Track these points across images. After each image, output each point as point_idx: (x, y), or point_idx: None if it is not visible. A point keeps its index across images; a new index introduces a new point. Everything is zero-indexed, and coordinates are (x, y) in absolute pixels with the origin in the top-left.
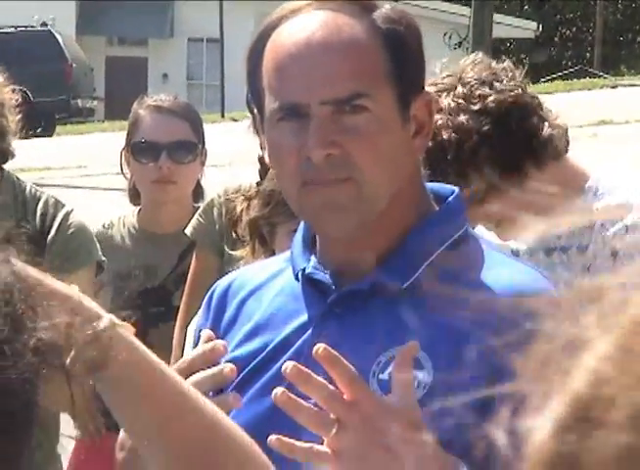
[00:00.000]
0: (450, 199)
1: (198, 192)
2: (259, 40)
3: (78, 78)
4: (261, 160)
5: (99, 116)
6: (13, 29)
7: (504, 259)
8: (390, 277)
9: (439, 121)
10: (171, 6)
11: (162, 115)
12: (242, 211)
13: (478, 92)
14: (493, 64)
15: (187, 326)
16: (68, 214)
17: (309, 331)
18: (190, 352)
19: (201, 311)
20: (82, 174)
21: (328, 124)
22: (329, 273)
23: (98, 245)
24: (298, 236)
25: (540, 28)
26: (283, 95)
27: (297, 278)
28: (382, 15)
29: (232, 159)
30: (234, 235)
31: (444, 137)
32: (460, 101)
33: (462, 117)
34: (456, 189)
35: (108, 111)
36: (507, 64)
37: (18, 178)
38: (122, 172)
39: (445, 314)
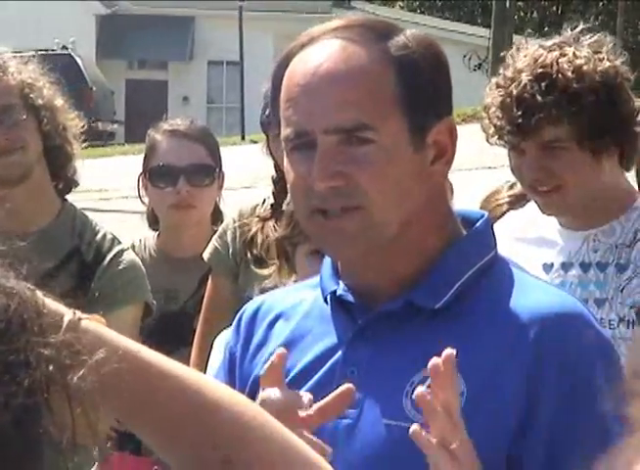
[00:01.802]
0: (479, 223)
1: (217, 215)
2: (279, 68)
3: (98, 102)
4: (275, 181)
5: (119, 139)
6: (33, 53)
7: (533, 282)
8: (423, 299)
9: (560, 59)
10: (191, 29)
11: (179, 139)
12: (256, 231)
13: (600, 56)
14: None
15: (204, 349)
16: (122, 251)
17: (339, 352)
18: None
19: (230, 334)
20: (103, 198)
21: (333, 155)
22: (357, 295)
23: (149, 286)
24: (327, 260)
25: None
26: (292, 124)
27: (326, 301)
28: (396, 42)
29: (252, 181)
30: (249, 256)
31: (559, 70)
32: (585, 53)
33: (582, 62)
34: (485, 213)
35: (128, 134)
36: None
37: (80, 211)
38: (140, 198)
39: (477, 336)
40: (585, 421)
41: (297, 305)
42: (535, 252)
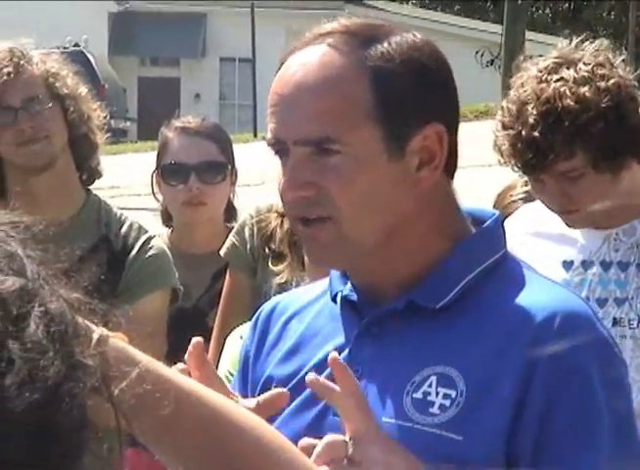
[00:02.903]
0: (488, 222)
1: (230, 212)
2: (277, 71)
3: (111, 99)
4: None
5: (132, 136)
6: (45, 50)
7: (539, 281)
8: (424, 298)
9: (561, 88)
10: (203, 26)
11: (190, 136)
12: (275, 227)
13: (601, 71)
14: (610, 55)
15: (222, 345)
16: (150, 239)
17: (346, 351)
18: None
19: (247, 332)
20: (115, 195)
21: (304, 165)
22: (363, 295)
23: (177, 272)
24: None
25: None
26: (271, 131)
27: (333, 300)
28: (375, 50)
29: (264, 178)
30: (267, 251)
31: (563, 103)
32: (584, 74)
33: (584, 89)
34: (496, 212)
35: (141, 131)
36: (622, 58)
37: (105, 202)
38: (154, 195)
39: (478, 336)
40: (578, 420)
41: (310, 303)
42: (555, 248)
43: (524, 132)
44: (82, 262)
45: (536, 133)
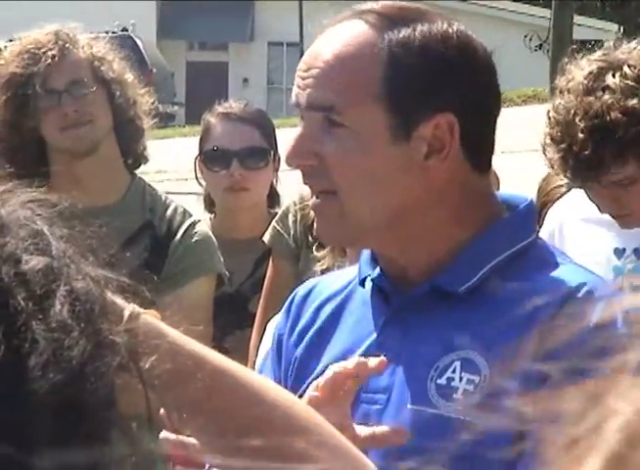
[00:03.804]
0: (520, 207)
1: (273, 198)
2: None
3: (159, 83)
4: None
5: (179, 120)
6: (93, 35)
7: (570, 268)
8: (448, 283)
9: (609, 101)
10: (251, 10)
11: (232, 122)
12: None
13: None
14: None
15: (264, 332)
16: (194, 223)
17: (374, 336)
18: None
19: (281, 314)
20: (162, 179)
21: (311, 132)
22: (390, 281)
23: (221, 257)
24: None
25: (621, 30)
26: (293, 95)
27: (361, 284)
28: (398, 34)
29: None
30: (310, 239)
31: (611, 117)
32: (631, 83)
33: (633, 101)
34: (529, 198)
35: (188, 115)
36: None
37: (150, 185)
38: (197, 180)
39: (500, 321)
40: None
41: (343, 288)
42: (606, 234)
43: (574, 148)
44: (126, 247)
45: (587, 150)
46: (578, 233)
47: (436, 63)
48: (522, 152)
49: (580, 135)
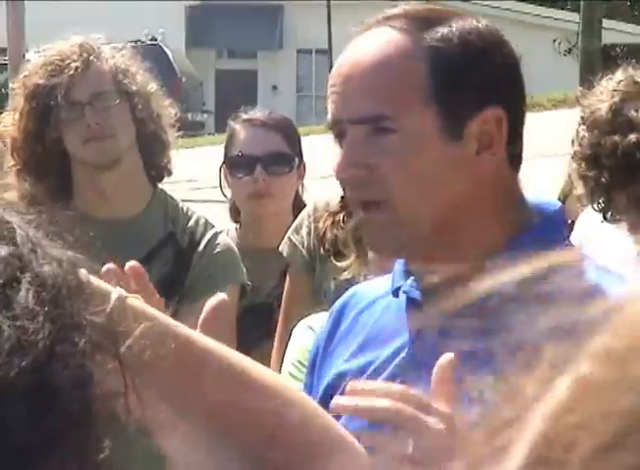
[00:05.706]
0: (550, 213)
1: (299, 205)
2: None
3: (188, 92)
4: None
5: (209, 129)
6: (122, 44)
7: (602, 276)
8: None
9: (636, 140)
10: (280, 18)
11: (256, 128)
12: (325, 228)
13: None
14: None
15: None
16: (216, 234)
17: (407, 349)
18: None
19: (318, 321)
20: (192, 188)
21: (359, 145)
22: (422, 290)
23: (244, 268)
24: None
25: None
26: (330, 112)
27: (394, 294)
28: (436, 33)
29: None
30: (322, 250)
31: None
32: None
33: None
34: (560, 205)
35: (218, 124)
36: None
37: (171, 197)
38: (221, 189)
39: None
40: None
41: (381, 297)
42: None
43: (602, 180)
44: (149, 259)
45: (615, 186)
46: (606, 237)
47: (477, 55)
48: (549, 157)
49: (606, 173)
